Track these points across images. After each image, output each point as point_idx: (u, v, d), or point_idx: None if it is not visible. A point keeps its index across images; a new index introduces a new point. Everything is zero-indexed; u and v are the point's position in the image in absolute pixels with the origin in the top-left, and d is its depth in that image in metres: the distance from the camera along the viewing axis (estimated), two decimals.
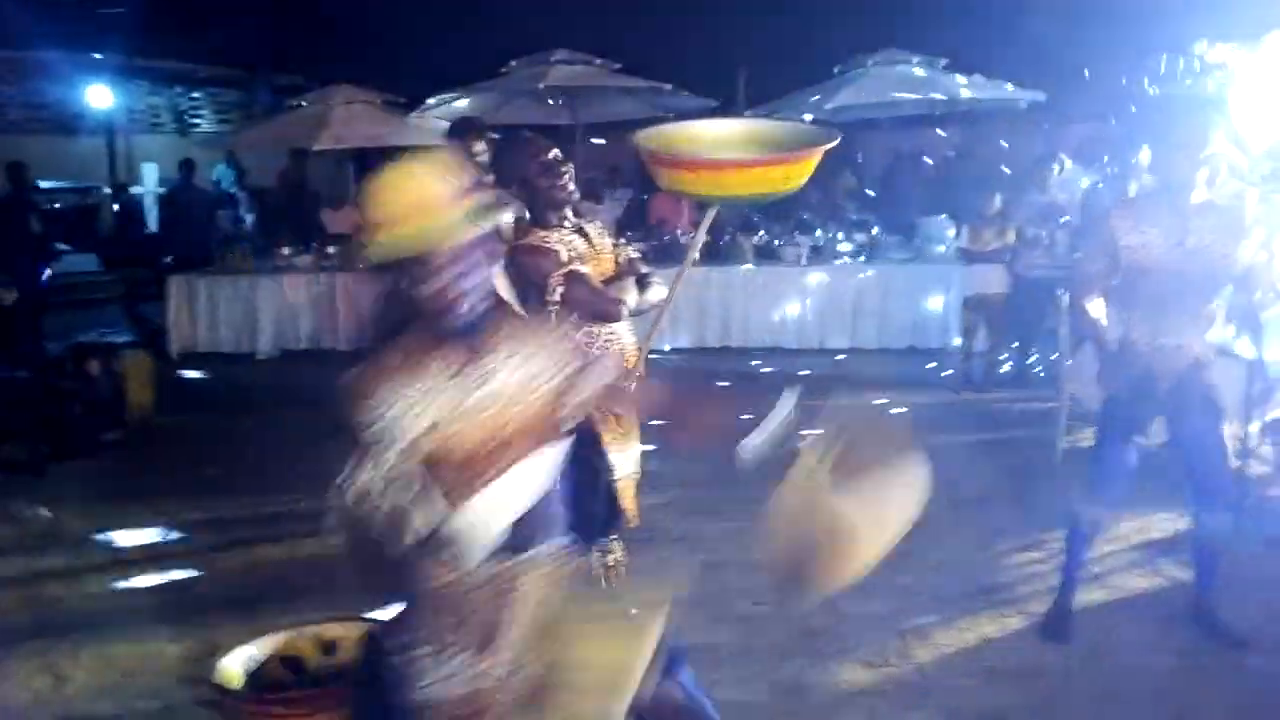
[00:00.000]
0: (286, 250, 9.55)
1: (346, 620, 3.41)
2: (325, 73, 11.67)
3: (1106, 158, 8.50)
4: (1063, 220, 6.93)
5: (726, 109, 10.95)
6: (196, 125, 17.71)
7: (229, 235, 10.71)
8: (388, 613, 2.05)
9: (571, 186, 3.21)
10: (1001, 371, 7.45)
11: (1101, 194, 7.03)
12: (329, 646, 3.30)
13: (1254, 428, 4.91)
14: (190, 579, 4.23)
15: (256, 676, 3.14)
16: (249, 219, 12.30)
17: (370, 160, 11.46)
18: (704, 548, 4.33)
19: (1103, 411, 3.56)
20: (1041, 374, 7.23)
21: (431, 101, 10.60)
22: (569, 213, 3.23)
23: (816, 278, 8.74)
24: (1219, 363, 3.79)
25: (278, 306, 9.13)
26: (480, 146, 3.67)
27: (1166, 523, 4.47)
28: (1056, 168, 7.33)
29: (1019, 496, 4.94)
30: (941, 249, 8.91)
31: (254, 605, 3.87)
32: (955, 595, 3.89)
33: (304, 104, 11.02)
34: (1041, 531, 4.38)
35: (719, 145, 2.94)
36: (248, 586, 4.12)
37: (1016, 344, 7.33)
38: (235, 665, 3.12)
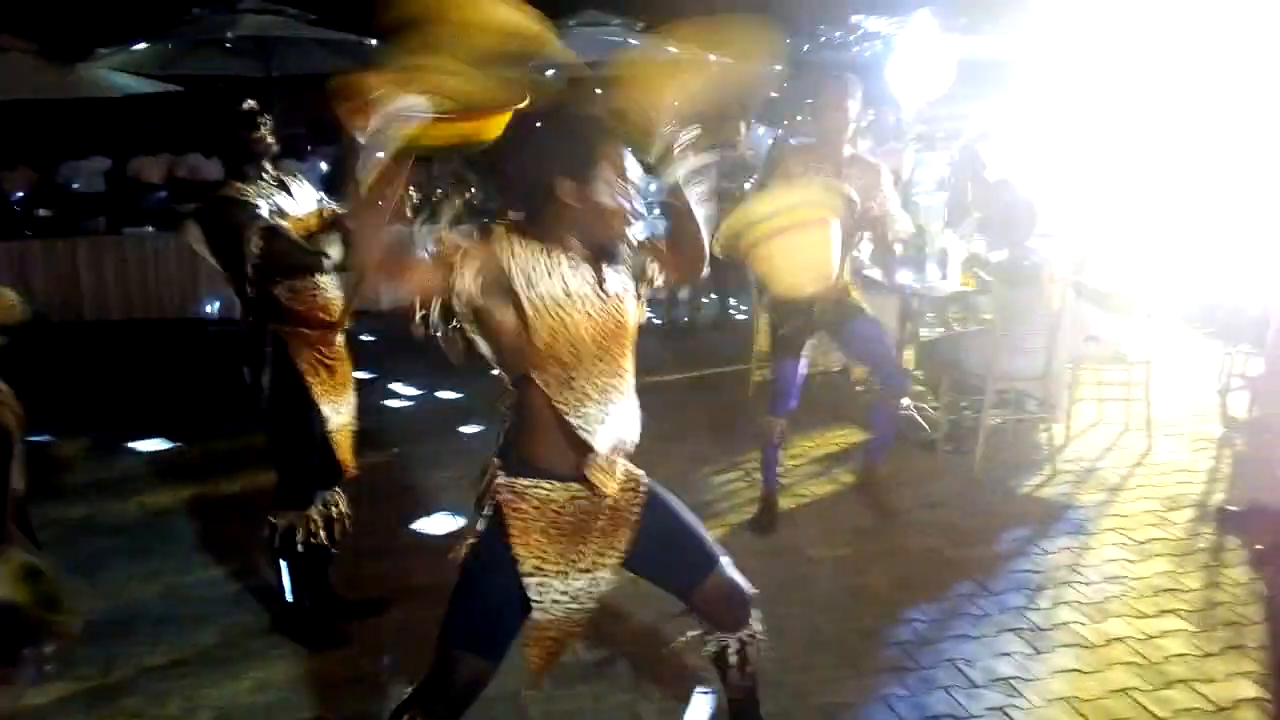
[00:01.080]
0: None
1: None
2: None
3: (785, 118, 9.32)
4: (752, 176, 7.53)
5: None
6: None
7: None
8: None
9: (270, 139, 3.16)
10: (702, 315, 8.04)
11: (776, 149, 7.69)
12: None
13: (908, 351, 5.68)
14: None
15: None
16: None
17: (29, 114, 10.27)
18: (429, 498, 4.44)
19: (775, 338, 4.05)
20: (738, 316, 7.91)
21: (104, 50, 9.64)
22: (268, 166, 3.18)
23: None
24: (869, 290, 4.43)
25: None
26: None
27: (840, 438, 5.15)
28: (744, 126, 7.91)
29: (718, 426, 5.43)
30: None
31: None
32: None
33: None
34: (738, 455, 4.86)
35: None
36: None
37: (714, 291, 7.96)
38: None
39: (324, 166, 9.95)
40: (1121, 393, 5.24)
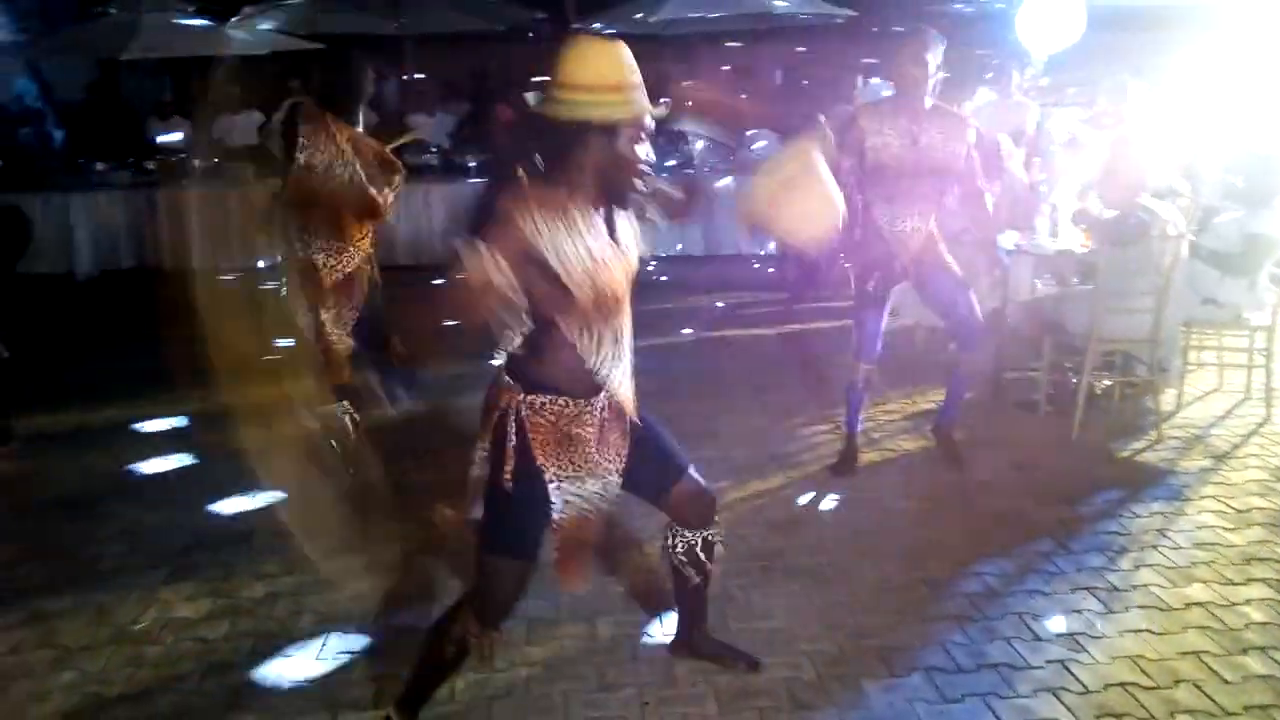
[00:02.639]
0: (101, 166, 9.17)
1: None
2: None
3: None
4: None
5: (554, 21, 10.98)
6: None
7: (37, 152, 10.12)
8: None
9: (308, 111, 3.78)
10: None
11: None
12: None
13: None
14: None
15: None
16: (57, 135, 11.59)
17: (188, 70, 10.97)
18: None
19: (855, 286, 4.08)
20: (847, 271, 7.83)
21: (248, 10, 10.22)
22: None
23: None
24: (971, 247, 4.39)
25: (95, 225, 8.83)
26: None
27: (937, 396, 5.07)
28: (859, 79, 7.80)
29: (812, 380, 5.47)
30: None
31: None
32: (751, 463, 4.35)
33: (111, 11, 10.42)
34: (828, 409, 4.89)
35: None
36: None
37: None
38: None
39: (452, 121, 10.29)
40: (1244, 359, 5.02)
